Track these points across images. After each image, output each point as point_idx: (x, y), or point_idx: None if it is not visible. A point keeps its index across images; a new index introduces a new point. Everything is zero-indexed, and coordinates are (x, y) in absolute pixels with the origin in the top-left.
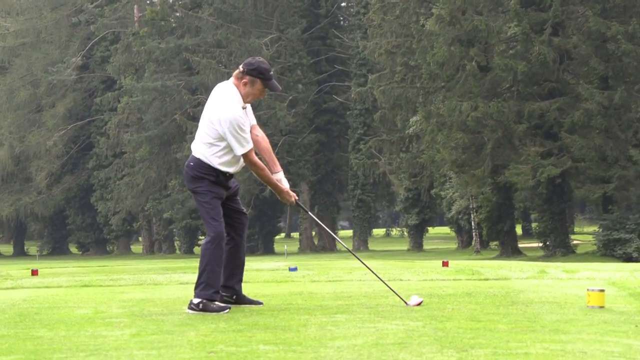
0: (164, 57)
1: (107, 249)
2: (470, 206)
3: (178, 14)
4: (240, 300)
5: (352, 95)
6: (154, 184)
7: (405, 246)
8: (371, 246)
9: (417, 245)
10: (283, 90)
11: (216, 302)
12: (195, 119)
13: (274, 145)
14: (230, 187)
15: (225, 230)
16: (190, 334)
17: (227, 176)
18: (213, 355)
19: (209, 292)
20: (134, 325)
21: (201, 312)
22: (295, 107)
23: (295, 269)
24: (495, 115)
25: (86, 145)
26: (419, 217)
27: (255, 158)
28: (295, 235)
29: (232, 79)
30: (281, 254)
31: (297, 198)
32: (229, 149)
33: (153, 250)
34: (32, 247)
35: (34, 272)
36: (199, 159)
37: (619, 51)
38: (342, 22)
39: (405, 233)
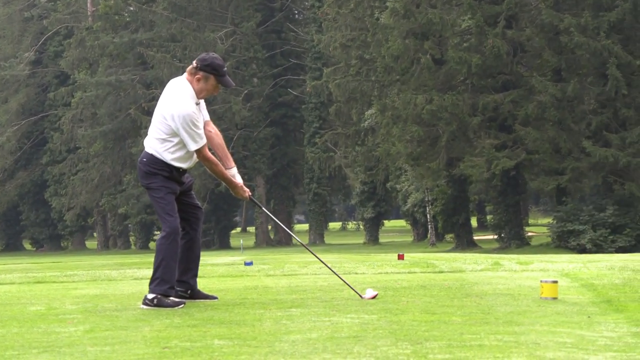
0: (118, 51)
1: (62, 245)
2: (426, 199)
3: (132, 8)
4: (195, 295)
5: (307, 89)
6: (108, 179)
7: (361, 239)
8: (327, 240)
9: (373, 239)
10: (238, 84)
11: (171, 298)
12: (150, 113)
13: (229, 139)
14: (184, 182)
15: (181, 224)
16: (144, 329)
17: (181, 172)
18: (167, 351)
19: (163, 287)
20: (88, 322)
21: (156, 308)
22: (250, 101)
23: (250, 264)
24: (450, 108)
25: (40, 140)
26: (374, 210)
27: (209, 154)
28: (252, 229)
29: (185, 75)
30: (237, 248)
31: (250, 193)
32: (182, 144)
33: (108, 245)
34: None
35: None
36: (151, 154)
37: (572, 43)
38: (296, 15)
39: (361, 226)
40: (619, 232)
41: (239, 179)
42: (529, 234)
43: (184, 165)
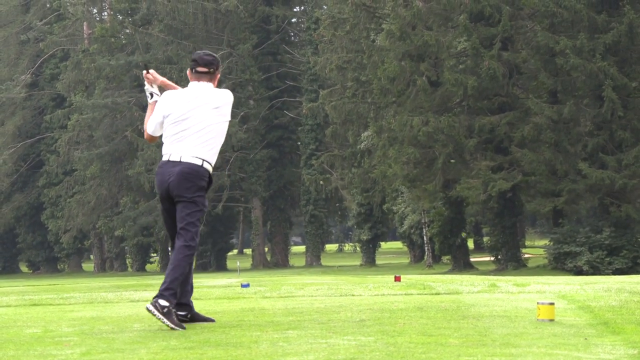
0: (114, 73)
1: (58, 267)
2: (422, 221)
3: (128, 31)
4: (194, 317)
5: (304, 111)
6: (105, 201)
7: (358, 261)
8: (324, 262)
9: (369, 261)
10: (234, 107)
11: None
12: None
13: (225, 161)
14: None
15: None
16: (141, 352)
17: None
18: None
19: (174, 300)
20: (84, 344)
21: (160, 317)
22: (247, 123)
23: (247, 285)
24: (446, 129)
25: (36, 163)
26: (371, 232)
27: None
28: (248, 251)
29: (202, 82)
30: (234, 270)
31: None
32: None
33: (105, 268)
34: None
35: None
36: (197, 164)
37: (568, 65)
38: (292, 37)
39: (358, 248)
40: (615, 254)
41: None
42: (526, 255)
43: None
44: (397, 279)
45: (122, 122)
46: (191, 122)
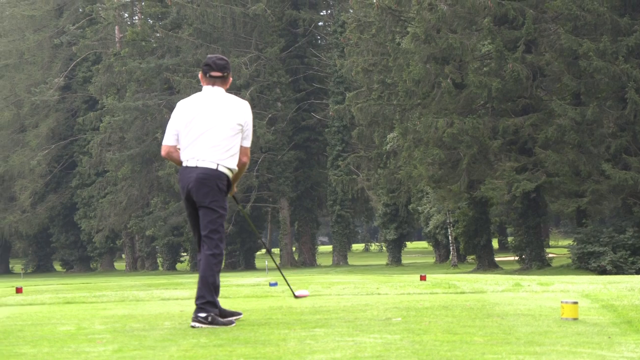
0: (145, 76)
1: (91, 266)
2: (447, 221)
3: (158, 35)
4: (223, 313)
5: (330, 113)
6: (136, 201)
7: (384, 261)
8: (350, 261)
9: (395, 260)
10: (262, 108)
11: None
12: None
13: (253, 162)
14: None
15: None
16: (171, 349)
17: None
18: None
19: (212, 307)
20: (116, 341)
21: (209, 326)
22: (274, 125)
23: (275, 284)
24: (471, 131)
25: (69, 164)
26: (397, 232)
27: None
28: (276, 251)
29: (217, 87)
30: (262, 269)
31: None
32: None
33: (136, 267)
34: (16, 265)
35: (18, 290)
36: (217, 169)
37: (591, 68)
38: (319, 41)
39: (384, 248)
40: (639, 253)
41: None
42: (550, 255)
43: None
44: (423, 278)
45: (153, 124)
46: (205, 126)
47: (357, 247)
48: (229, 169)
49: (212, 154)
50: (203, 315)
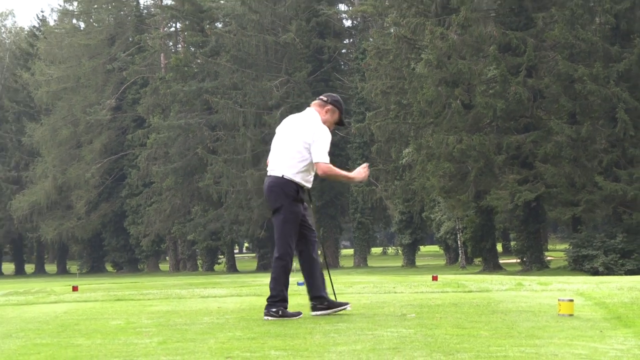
0: (187, 98)
1: (138, 267)
2: (457, 227)
3: (199, 61)
4: (330, 305)
5: (352, 131)
6: (178, 209)
7: (400, 263)
8: (370, 263)
9: (410, 262)
10: None
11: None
12: (215, 152)
13: None
14: (304, 204)
15: (299, 246)
16: (210, 341)
17: (305, 191)
18: None
19: (283, 304)
20: (161, 334)
21: (279, 319)
22: None
23: (302, 284)
24: (478, 147)
25: (119, 176)
26: (411, 237)
27: (330, 167)
28: None
29: (312, 108)
30: (292, 270)
31: (366, 169)
32: (309, 166)
33: (178, 268)
34: (73, 266)
35: (75, 288)
36: (283, 177)
37: (585, 91)
38: (342, 66)
39: (400, 251)
40: (627, 256)
41: (354, 172)
42: (548, 258)
43: (308, 185)
44: (435, 278)
45: (194, 141)
46: (279, 143)
47: (376, 250)
48: (297, 180)
49: (279, 166)
50: (274, 309)
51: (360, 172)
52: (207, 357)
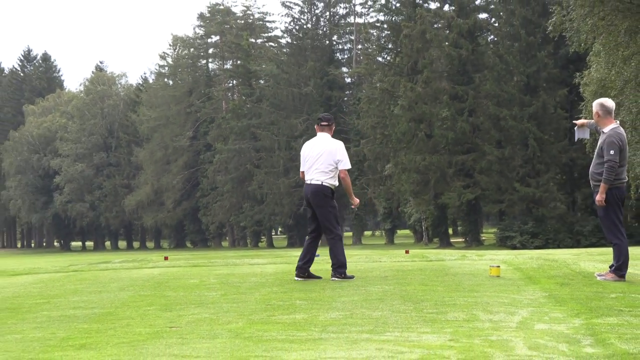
0: (240, 131)
1: (208, 244)
2: (422, 217)
3: (248, 105)
4: (309, 276)
5: (351, 152)
6: (234, 205)
7: (383, 241)
8: (363, 242)
9: (390, 241)
10: None
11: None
12: (258, 167)
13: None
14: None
15: (315, 229)
16: (256, 294)
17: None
18: (269, 306)
19: (343, 268)
20: (222, 289)
21: (344, 279)
22: None
23: (318, 255)
24: (436, 163)
25: (195, 183)
26: (391, 224)
27: (348, 175)
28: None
29: (325, 134)
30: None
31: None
32: (335, 175)
33: (234, 245)
34: (164, 243)
35: (166, 258)
36: (322, 184)
37: (507, 126)
38: (344, 109)
39: (384, 234)
40: (535, 237)
41: (354, 195)
42: (483, 238)
43: (336, 185)
44: (407, 252)
45: (244, 159)
46: (315, 158)
47: (367, 233)
48: (331, 184)
49: (318, 176)
50: (340, 271)
51: (356, 199)
52: (253, 304)
